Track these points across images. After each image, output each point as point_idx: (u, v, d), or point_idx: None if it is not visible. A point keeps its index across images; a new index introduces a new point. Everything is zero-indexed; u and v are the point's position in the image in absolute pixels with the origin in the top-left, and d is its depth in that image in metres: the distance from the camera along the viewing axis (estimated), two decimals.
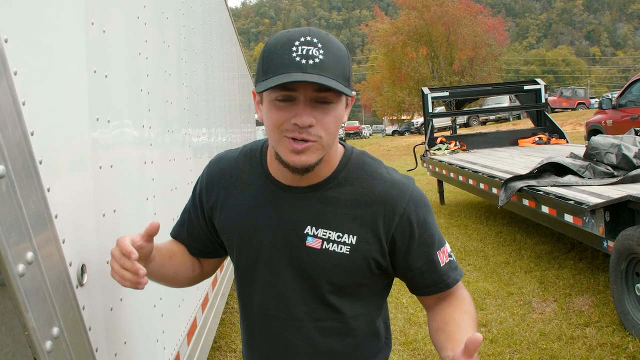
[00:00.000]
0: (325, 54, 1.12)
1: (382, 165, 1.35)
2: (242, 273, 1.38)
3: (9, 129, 0.92)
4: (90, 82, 1.35)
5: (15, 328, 1.26)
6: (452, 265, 1.37)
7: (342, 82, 1.13)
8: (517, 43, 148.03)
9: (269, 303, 1.32)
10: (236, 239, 1.35)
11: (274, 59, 1.13)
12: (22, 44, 1.00)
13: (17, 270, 0.91)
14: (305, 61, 1.10)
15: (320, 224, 1.27)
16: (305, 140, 1.15)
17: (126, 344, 1.48)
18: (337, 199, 1.28)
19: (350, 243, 1.27)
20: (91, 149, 1.33)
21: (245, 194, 1.33)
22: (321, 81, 1.09)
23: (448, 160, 8.39)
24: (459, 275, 1.38)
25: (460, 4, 40.08)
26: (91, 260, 1.26)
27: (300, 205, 1.28)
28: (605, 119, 12.33)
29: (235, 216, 1.34)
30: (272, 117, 1.16)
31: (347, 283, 1.30)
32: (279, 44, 1.14)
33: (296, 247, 1.28)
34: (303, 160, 1.17)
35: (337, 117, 1.18)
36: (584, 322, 4.21)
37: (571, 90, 32.93)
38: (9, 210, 0.91)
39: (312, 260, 1.27)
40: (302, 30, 1.15)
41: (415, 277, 1.35)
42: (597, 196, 4.39)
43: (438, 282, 1.35)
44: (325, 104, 1.15)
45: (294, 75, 1.09)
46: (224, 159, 1.42)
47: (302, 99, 1.13)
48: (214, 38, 4.19)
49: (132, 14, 1.82)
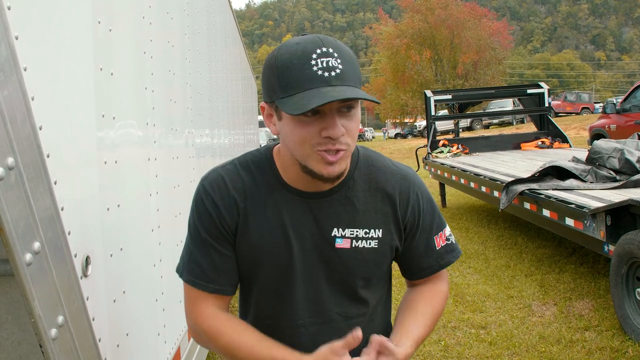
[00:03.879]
0: (343, 63, 1.13)
1: (385, 158, 1.42)
2: (269, 289, 1.32)
3: (19, 123, 0.95)
4: (97, 79, 1.38)
5: (21, 318, 1.29)
6: (448, 247, 1.43)
7: (358, 87, 1.16)
8: (522, 47, 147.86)
9: (304, 312, 1.31)
10: (265, 256, 1.28)
11: (293, 74, 1.11)
12: (32, 41, 1.03)
13: (25, 259, 0.94)
14: (328, 74, 1.10)
15: (346, 224, 1.30)
16: (338, 150, 1.16)
17: (128, 336, 1.51)
18: (357, 197, 1.31)
19: (378, 237, 1.32)
20: (97, 144, 1.37)
21: (264, 209, 1.28)
22: (351, 94, 1.10)
23: (450, 163, 8.40)
24: (453, 258, 1.44)
25: (465, 7, 40.09)
26: (95, 252, 1.29)
27: (323, 210, 1.29)
28: (609, 124, 12.32)
29: (259, 234, 1.27)
30: (299, 133, 1.14)
31: (375, 274, 1.36)
32: (294, 58, 1.12)
33: (326, 251, 1.29)
34: (337, 170, 1.18)
35: (358, 121, 1.21)
36: (584, 325, 4.22)
37: (575, 94, 32.88)
38: (17, 201, 0.94)
39: (343, 260, 1.30)
40: (314, 40, 1.14)
41: (411, 259, 1.42)
42: (599, 200, 4.40)
43: (431, 265, 1.42)
44: (348, 110, 1.16)
45: (323, 91, 1.09)
46: (224, 177, 1.30)
47: (330, 112, 1.13)
48: (217, 39, 4.23)
49: (137, 14, 1.85)
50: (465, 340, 4.11)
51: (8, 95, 0.92)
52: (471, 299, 5.01)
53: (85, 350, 1.16)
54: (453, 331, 4.32)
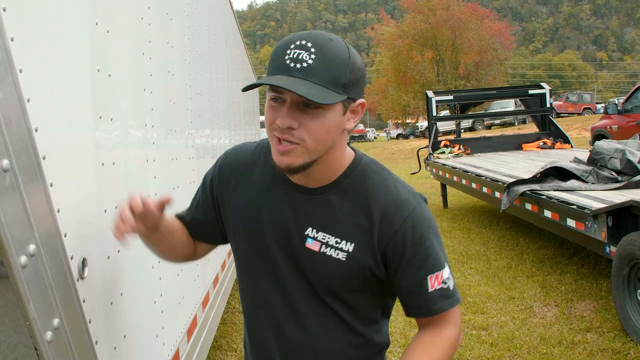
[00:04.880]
0: (317, 59, 1.13)
1: (391, 177, 1.33)
2: (246, 266, 1.38)
3: (14, 125, 0.95)
4: (94, 80, 1.38)
5: (17, 320, 1.28)
6: (444, 292, 1.30)
7: (331, 88, 1.13)
8: (524, 47, 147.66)
9: (273, 296, 1.33)
10: (241, 231, 1.36)
11: (272, 60, 1.17)
12: (27, 42, 1.03)
13: (20, 261, 0.94)
14: (293, 64, 1.12)
15: (321, 227, 1.28)
16: (286, 140, 1.16)
17: (125, 338, 1.51)
18: (340, 204, 1.28)
19: (347, 250, 1.27)
20: (94, 146, 1.36)
21: (255, 188, 1.35)
22: (291, 86, 1.09)
23: (451, 164, 8.39)
24: (447, 305, 1.31)
25: (467, 7, 40.07)
26: (92, 254, 1.28)
27: (304, 206, 1.30)
28: (611, 124, 12.30)
29: (242, 208, 1.36)
30: (267, 116, 1.19)
31: (342, 288, 1.30)
32: (281, 46, 1.17)
33: (297, 246, 1.29)
34: (287, 161, 1.18)
35: (325, 123, 1.17)
36: (585, 327, 4.21)
37: (577, 95, 32.82)
38: (12, 203, 0.93)
39: (309, 262, 1.29)
40: (303, 34, 1.17)
41: (402, 295, 1.33)
42: (600, 201, 4.39)
43: (422, 306, 1.31)
44: (312, 110, 1.15)
45: (277, 77, 1.12)
46: (240, 151, 1.44)
47: (289, 102, 1.15)
48: (218, 40, 4.23)
49: (136, 15, 1.85)
50: (466, 342, 4.10)
51: (3, 97, 0.92)
52: (472, 300, 5.00)
53: (82, 353, 1.16)
54: None
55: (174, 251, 1.45)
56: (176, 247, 1.44)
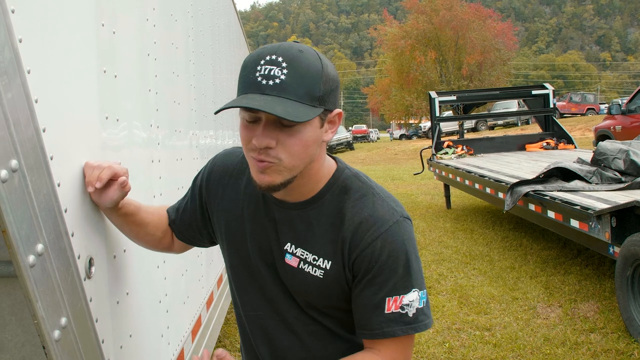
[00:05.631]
0: (289, 74, 1.08)
1: (372, 192, 1.28)
2: (234, 274, 1.38)
3: (22, 125, 0.96)
4: (100, 81, 1.39)
5: (24, 319, 1.29)
6: (400, 317, 1.22)
7: (306, 102, 1.09)
8: (527, 48, 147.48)
9: (262, 305, 1.33)
10: (227, 241, 1.37)
11: (242, 76, 1.12)
12: (35, 43, 1.04)
13: (28, 261, 0.95)
14: (265, 82, 1.08)
15: (299, 243, 1.27)
16: (263, 161, 1.13)
17: (131, 337, 1.52)
18: (318, 220, 1.26)
19: (325, 267, 1.25)
20: (100, 146, 1.37)
21: (240, 198, 1.35)
22: (266, 107, 1.05)
23: (455, 165, 8.39)
24: (400, 331, 1.22)
25: (469, 8, 40.09)
26: (99, 254, 1.29)
27: (285, 221, 1.28)
28: (614, 125, 12.28)
29: (228, 217, 1.36)
30: (242, 135, 1.16)
31: (322, 304, 1.29)
32: (250, 61, 1.12)
33: (277, 259, 1.29)
34: (267, 180, 1.15)
35: (303, 139, 1.13)
36: (589, 328, 4.21)
37: (580, 95, 32.76)
38: (20, 203, 0.94)
39: (288, 277, 1.28)
40: (272, 47, 1.12)
41: (357, 313, 1.27)
42: (604, 202, 4.38)
43: (374, 327, 1.23)
44: (289, 127, 1.11)
45: (249, 97, 1.08)
46: (229, 156, 1.44)
47: (264, 121, 1.11)
48: (222, 41, 4.24)
49: (141, 16, 1.86)
50: (469, 342, 4.10)
51: (12, 97, 0.93)
52: (476, 300, 5.00)
53: (89, 351, 1.16)
54: (457, 333, 4.31)
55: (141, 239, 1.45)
56: (143, 237, 1.44)
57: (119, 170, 1.25)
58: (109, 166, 1.24)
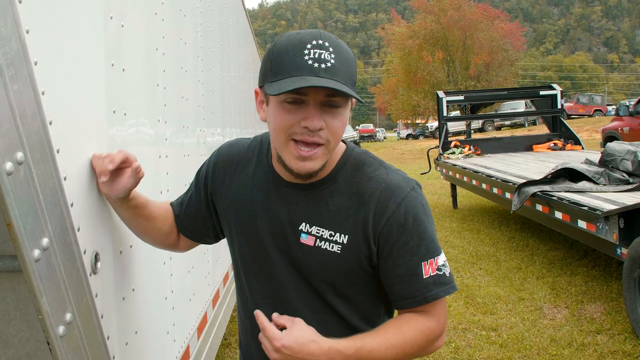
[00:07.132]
0: (336, 58, 1.13)
1: (382, 165, 1.33)
2: (243, 261, 1.38)
3: (29, 118, 0.94)
4: (108, 75, 1.37)
5: (29, 314, 1.28)
6: (439, 279, 1.26)
7: (350, 87, 1.14)
8: (534, 48, 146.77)
9: (271, 292, 1.33)
10: (236, 227, 1.37)
11: (285, 60, 1.13)
12: (43, 35, 1.02)
13: (33, 255, 0.93)
14: (317, 65, 1.11)
15: (314, 222, 1.28)
16: (316, 143, 1.16)
17: (137, 334, 1.50)
18: (333, 198, 1.28)
19: (342, 242, 1.26)
20: (107, 140, 1.36)
21: (248, 184, 1.35)
22: (335, 86, 1.09)
23: (462, 164, 8.36)
24: (442, 292, 1.27)
25: (477, 8, 39.97)
26: (105, 249, 1.28)
27: (298, 202, 1.29)
28: (622, 126, 12.22)
29: (237, 204, 1.36)
30: (280, 119, 1.16)
31: (339, 282, 1.30)
32: (290, 46, 1.14)
33: (292, 242, 1.29)
34: (308, 167, 1.18)
35: (343, 120, 1.19)
36: (596, 329, 4.18)
37: (588, 96, 32.58)
38: (26, 196, 0.93)
39: (305, 257, 1.29)
40: (313, 32, 1.15)
41: (395, 285, 1.28)
42: (612, 202, 4.35)
43: (416, 294, 1.26)
44: (334, 107, 1.16)
45: (308, 79, 1.10)
46: (235, 146, 1.44)
47: (313, 103, 1.14)
48: (230, 37, 4.22)
49: (150, 10, 1.85)
50: (475, 342, 4.08)
51: (18, 89, 0.91)
52: (482, 300, 4.97)
53: (93, 347, 1.15)
54: (463, 333, 4.29)
55: (148, 234, 1.44)
56: (151, 232, 1.43)
57: (131, 156, 1.24)
58: (120, 151, 1.23)
